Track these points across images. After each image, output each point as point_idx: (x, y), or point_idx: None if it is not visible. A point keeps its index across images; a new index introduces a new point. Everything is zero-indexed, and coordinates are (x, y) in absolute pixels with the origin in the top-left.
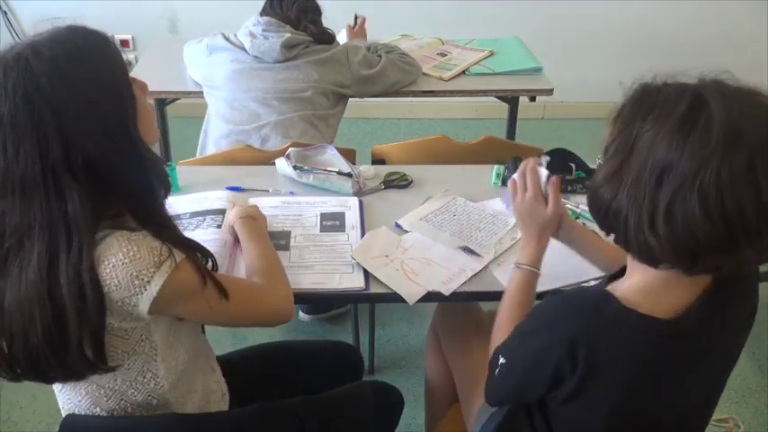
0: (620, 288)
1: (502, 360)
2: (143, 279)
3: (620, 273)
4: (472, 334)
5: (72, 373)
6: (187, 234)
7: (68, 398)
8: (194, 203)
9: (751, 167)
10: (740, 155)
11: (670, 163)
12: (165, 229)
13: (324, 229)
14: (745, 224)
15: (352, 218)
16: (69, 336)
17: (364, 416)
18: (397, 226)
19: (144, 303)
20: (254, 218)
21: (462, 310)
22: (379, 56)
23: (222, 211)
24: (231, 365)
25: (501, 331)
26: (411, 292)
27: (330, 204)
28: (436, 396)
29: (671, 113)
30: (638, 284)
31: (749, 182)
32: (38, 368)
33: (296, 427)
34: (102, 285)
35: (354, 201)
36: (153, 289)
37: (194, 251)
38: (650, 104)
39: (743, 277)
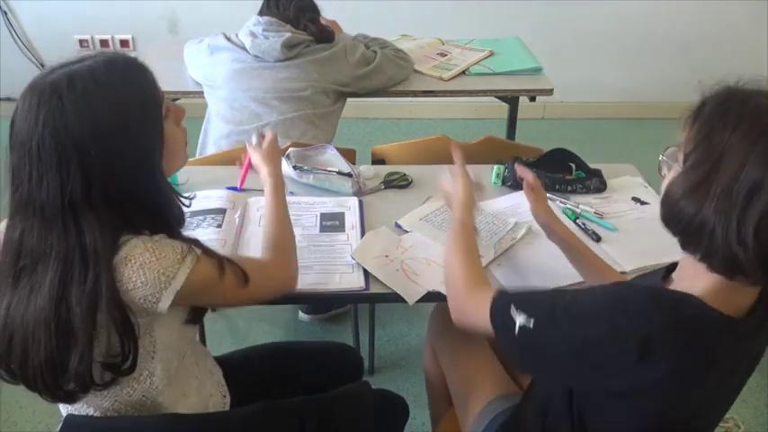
0: (696, 288)
1: (524, 321)
2: (169, 275)
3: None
4: (464, 341)
5: (63, 396)
6: (187, 233)
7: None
8: (194, 203)
9: None
10: None
11: (762, 179)
12: (176, 235)
13: (323, 229)
14: None
15: (351, 218)
16: (69, 363)
17: (364, 416)
18: (397, 226)
19: (167, 298)
20: (283, 182)
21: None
22: (375, 51)
23: (222, 211)
24: (231, 366)
25: (459, 263)
26: (411, 293)
27: (330, 205)
28: (436, 395)
29: (766, 129)
30: (713, 289)
31: None
32: (30, 384)
33: (296, 427)
34: (125, 284)
35: (354, 201)
36: (177, 284)
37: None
38: (738, 114)
39: None
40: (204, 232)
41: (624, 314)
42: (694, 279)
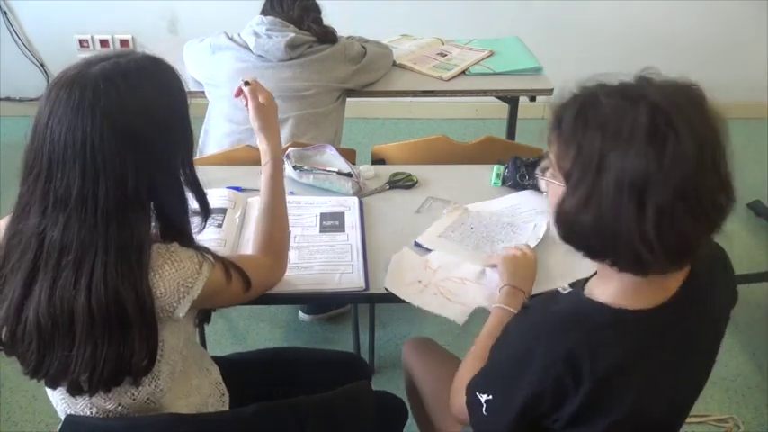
0: (601, 293)
1: (486, 397)
2: (188, 285)
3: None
4: (439, 363)
5: (118, 380)
6: None
7: (63, 397)
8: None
9: (714, 162)
10: (708, 156)
11: (647, 177)
12: (187, 240)
13: (323, 229)
14: (720, 209)
15: (351, 217)
16: (134, 345)
17: (365, 416)
18: (417, 245)
19: (184, 306)
20: (282, 162)
21: (431, 343)
22: (363, 47)
23: (223, 210)
24: (233, 370)
25: (465, 367)
26: (457, 313)
27: (330, 204)
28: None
29: (634, 127)
30: (621, 287)
31: (715, 173)
32: (95, 376)
33: (296, 427)
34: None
35: (354, 200)
36: (195, 292)
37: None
38: (597, 120)
39: (713, 263)
40: (204, 232)
41: (536, 345)
42: (608, 281)
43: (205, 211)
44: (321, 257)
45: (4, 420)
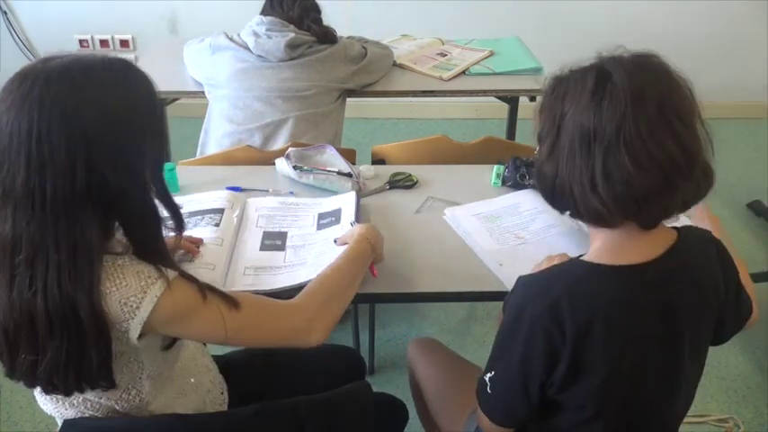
0: (587, 255)
1: (489, 375)
2: (131, 306)
3: None
4: (444, 364)
5: (74, 387)
6: (187, 233)
7: (54, 408)
8: (193, 203)
9: (662, 114)
10: (650, 106)
11: (593, 129)
12: (159, 258)
13: (320, 227)
14: (673, 163)
15: (348, 210)
16: (85, 351)
17: (365, 416)
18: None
19: (135, 329)
20: (373, 247)
21: (436, 344)
22: (363, 47)
23: (220, 210)
24: (232, 367)
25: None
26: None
27: (327, 204)
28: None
29: (583, 90)
30: (601, 246)
31: (665, 126)
32: (48, 377)
33: (296, 427)
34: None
35: (351, 195)
36: (143, 314)
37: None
38: (563, 89)
39: (703, 239)
40: (202, 231)
41: (525, 307)
42: (593, 243)
43: (179, 226)
44: (317, 252)
45: (4, 420)
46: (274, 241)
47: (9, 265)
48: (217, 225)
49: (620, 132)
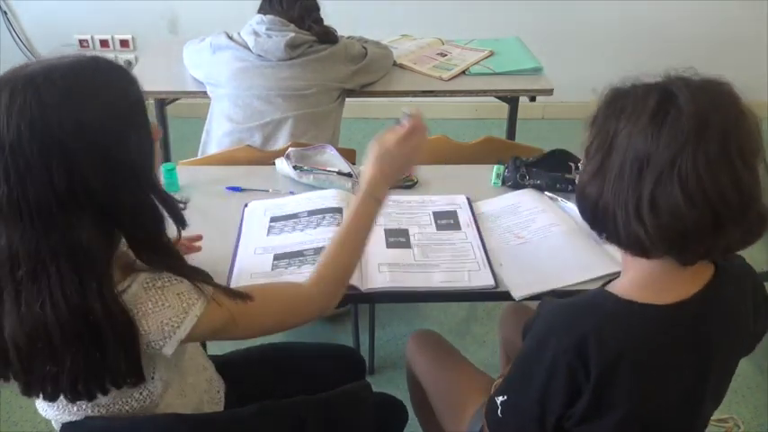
0: (618, 285)
1: (502, 398)
2: (173, 326)
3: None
4: (444, 358)
5: (100, 388)
6: (308, 232)
7: (57, 414)
8: (310, 202)
9: (724, 150)
10: (712, 139)
11: (648, 154)
12: (168, 258)
13: (439, 227)
14: (726, 204)
15: (464, 216)
16: (107, 354)
17: (365, 416)
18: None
19: (171, 346)
20: (379, 200)
21: (436, 338)
22: (363, 47)
23: (339, 210)
24: (231, 367)
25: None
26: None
27: (441, 203)
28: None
29: (643, 109)
30: (635, 278)
31: (725, 164)
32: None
33: (296, 427)
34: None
35: (463, 198)
36: (181, 333)
37: (202, 276)
38: (622, 104)
39: (741, 273)
40: (326, 230)
41: (550, 336)
42: (625, 273)
43: (179, 223)
44: (444, 255)
45: (4, 420)
46: (398, 238)
47: (12, 280)
48: (338, 225)
49: (675, 163)
